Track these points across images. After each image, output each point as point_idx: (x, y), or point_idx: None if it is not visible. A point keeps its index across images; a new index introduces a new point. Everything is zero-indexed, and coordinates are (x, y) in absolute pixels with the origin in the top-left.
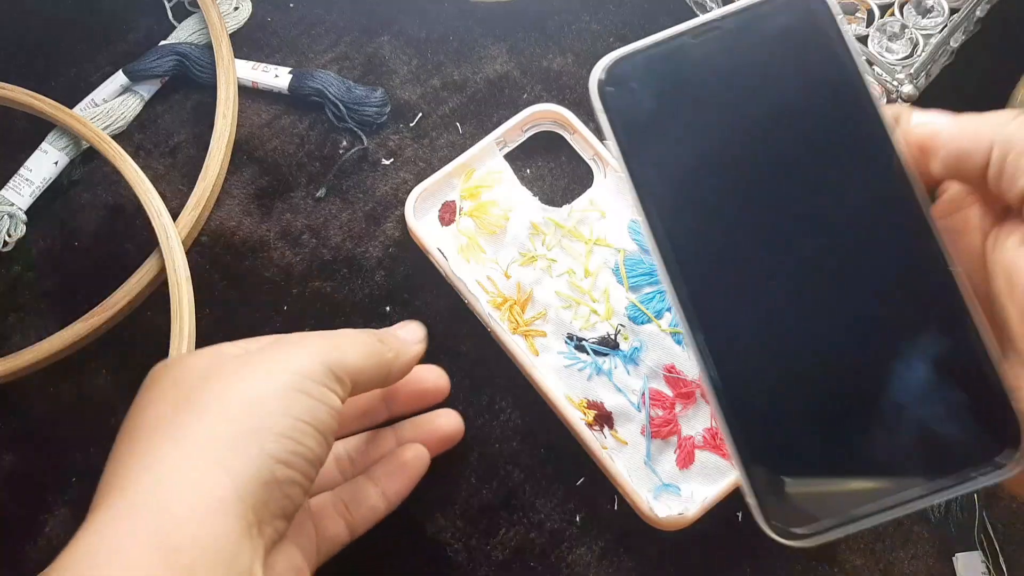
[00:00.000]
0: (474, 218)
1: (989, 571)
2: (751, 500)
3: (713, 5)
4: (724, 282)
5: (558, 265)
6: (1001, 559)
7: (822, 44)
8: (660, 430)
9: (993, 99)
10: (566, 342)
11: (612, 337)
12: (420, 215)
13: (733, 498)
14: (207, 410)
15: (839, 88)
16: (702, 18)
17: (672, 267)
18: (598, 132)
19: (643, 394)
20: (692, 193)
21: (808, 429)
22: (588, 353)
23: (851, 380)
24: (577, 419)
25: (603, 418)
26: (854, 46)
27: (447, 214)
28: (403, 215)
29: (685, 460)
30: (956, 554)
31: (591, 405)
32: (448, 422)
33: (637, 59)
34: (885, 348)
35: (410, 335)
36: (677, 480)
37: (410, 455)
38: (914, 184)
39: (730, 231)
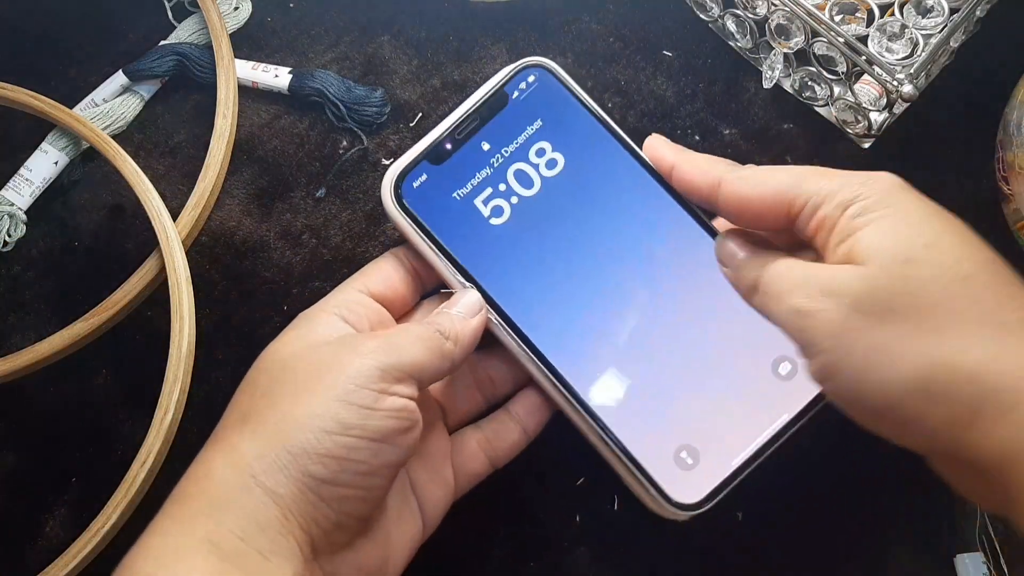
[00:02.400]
0: None
1: (990, 572)
2: (647, 493)
3: (713, 5)
4: (567, 325)
5: None
6: (1002, 560)
7: (564, 103)
8: None
9: (993, 99)
10: None
11: None
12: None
13: (733, 498)
14: (264, 425)
15: (589, 140)
16: (457, 112)
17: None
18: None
19: None
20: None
21: (675, 416)
22: None
23: (689, 368)
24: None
25: None
26: (589, 101)
27: None
28: None
29: None
30: (957, 555)
31: None
32: None
33: (418, 166)
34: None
35: (465, 309)
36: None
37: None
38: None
39: (547, 280)
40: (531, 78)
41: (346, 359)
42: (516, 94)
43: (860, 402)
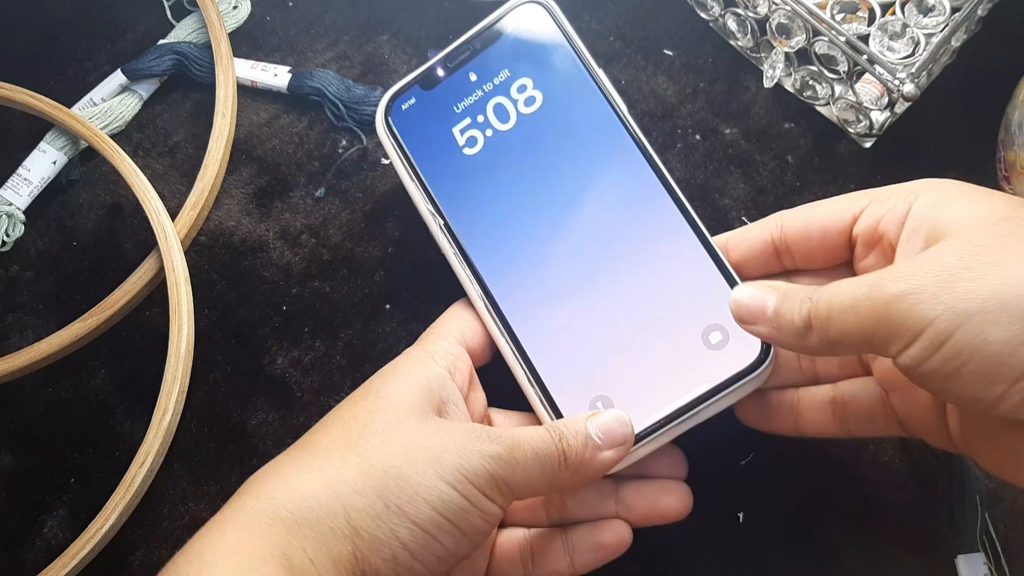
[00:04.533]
0: None
1: (991, 573)
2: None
3: (714, 4)
4: (514, 258)
5: None
6: (1003, 561)
7: (553, 44)
8: None
9: (994, 98)
10: None
11: None
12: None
13: (734, 500)
14: (370, 464)
15: (570, 83)
16: (455, 43)
17: (470, 267)
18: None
19: None
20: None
21: (597, 366)
22: None
23: (621, 323)
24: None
25: None
26: (579, 45)
27: None
28: (403, 215)
29: None
30: (958, 556)
31: None
32: (671, 503)
33: (411, 88)
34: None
35: (605, 435)
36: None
37: (611, 538)
38: (660, 177)
39: (522, 231)
40: (527, 14)
41: (466, 446)
42: (510, 29)
43: (980, 353)
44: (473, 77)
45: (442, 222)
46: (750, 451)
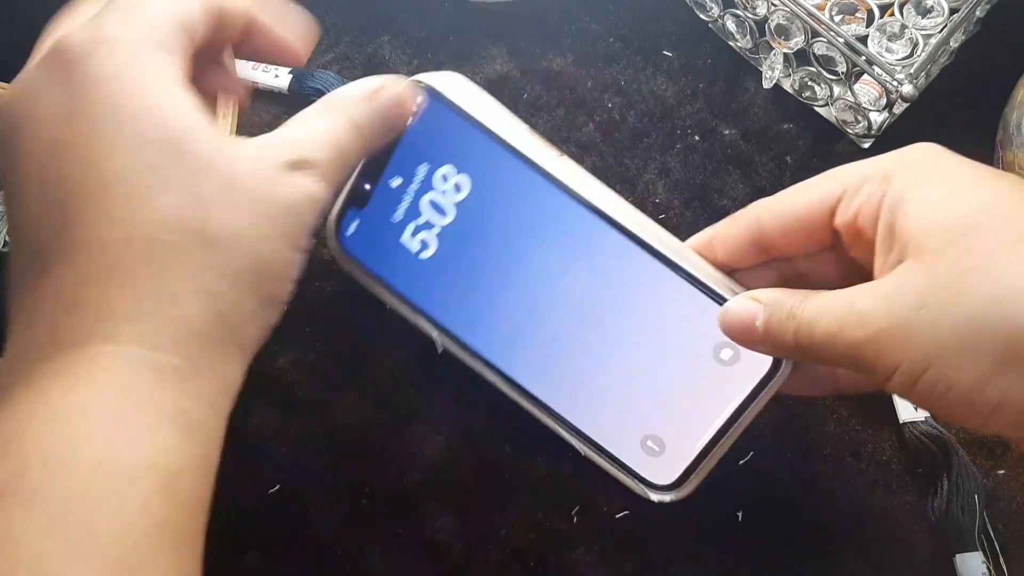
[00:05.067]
0: None
1: (990, 572)
2: (639, 486)
3: (713, 5)
4: (521, 343)
5: None
6: (1002, 560)
7: (454, 123)
8: None
9: (993, 99)
10: None
11: None
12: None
13: (734, 499)
14: (222, 270)
15: (486, 157)
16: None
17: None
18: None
19: None
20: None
21: (632, 410)
22: None
23: (634, 365)
24: None
25: None
26: (476, 117)
27: None
28: None
29: None
30: (956, 555)
31: None
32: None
33: (348, 212)
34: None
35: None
36: None
37: None
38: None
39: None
40: (419, 100)
41: (299, 193)
42: (409, 121)
43: (949, 395)
44: (397, 182)
45: (437, 332)
46: (749, 450)
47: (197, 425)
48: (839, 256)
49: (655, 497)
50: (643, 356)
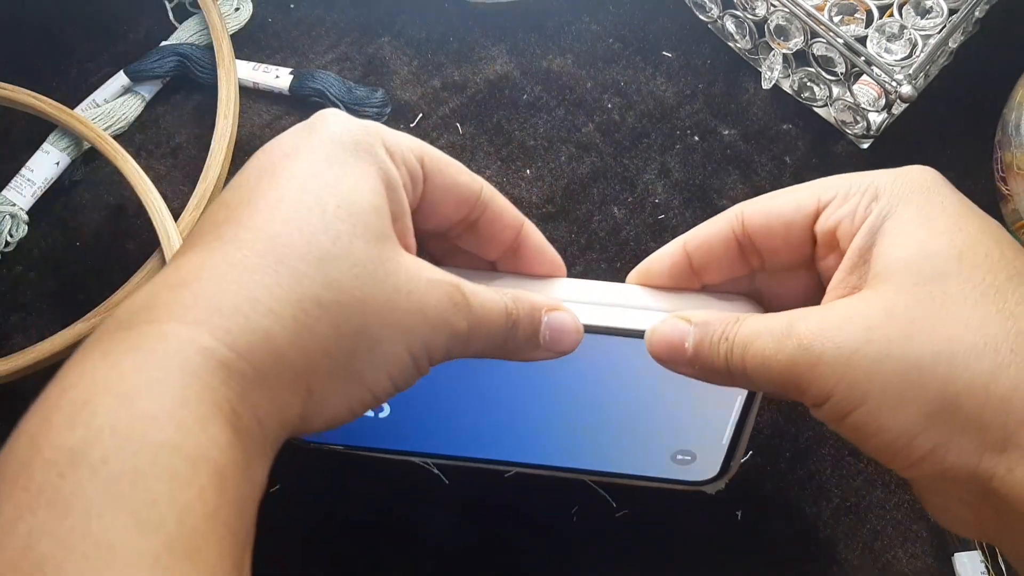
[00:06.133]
0: None
1: (988, 570)
2: (687, 487)
3: (713, 6)
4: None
5: None
6: (1000, 558)
7: None
8: None
9: (992, 100)
10: None
11: None
12: None
13: (734, 499)
14: (331, 323)
15: None
16: None
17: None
18: None
19: None
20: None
21: (661, 434)
22: None
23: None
24: None
25: None
26: None
27: None
28: None
29: None
30: (955, 553)
31: None
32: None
33: None
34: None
35: (553, 341)
36: None
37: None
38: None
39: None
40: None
41: (441, 317)
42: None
43: (877, 437)
44: None
45: (432, 463)
46: (749, 449)
47: (244, 431)
48: (802, 281)
49: (709, 490)
50: (638, 396)
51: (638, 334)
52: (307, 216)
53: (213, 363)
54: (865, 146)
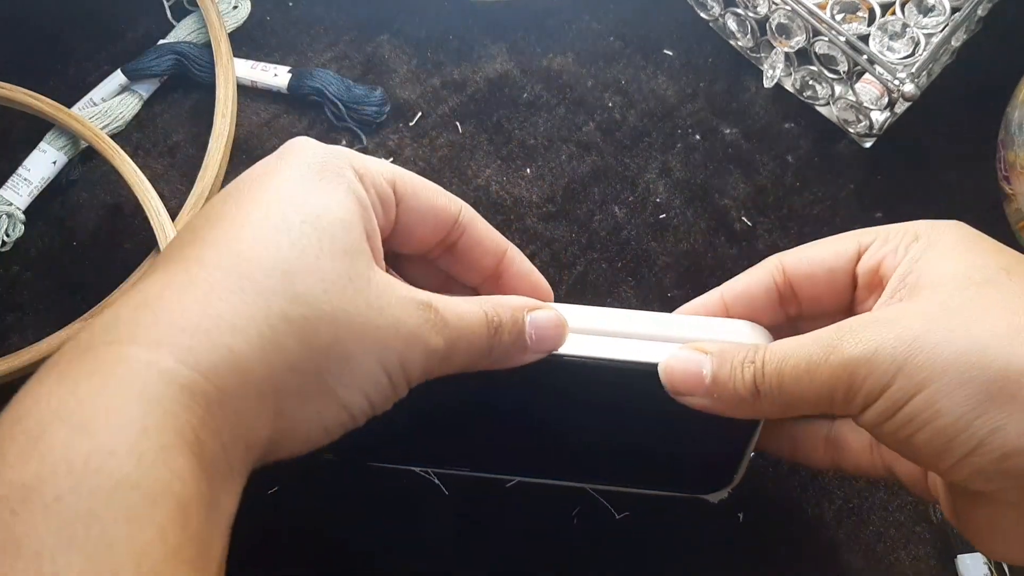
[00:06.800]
0: None
1: (991, 572)
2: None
3: (714, 4)
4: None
5: None
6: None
7: None
8: None
9: (994, 98)
10: None
11: None
12: None
13: (736, 501)
14: (299, 338)
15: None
16: None
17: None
18: None
19: None
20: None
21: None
22: None
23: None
24: None
25: None
26: None
27: None
28: None
29: None
30: (958, 555)
31: None
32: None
33: None
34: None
35: (538, 341)
36: None
37: None
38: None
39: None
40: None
41: (415, 333)
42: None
43: (934, 423)
44: None
45: (433, 473)
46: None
47: (208, 459)
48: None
49: (713, 499)
50: (644, 418)
51: (650, 367)
52: (273, 233)
53: (175, 387)
54: (867, 145)
